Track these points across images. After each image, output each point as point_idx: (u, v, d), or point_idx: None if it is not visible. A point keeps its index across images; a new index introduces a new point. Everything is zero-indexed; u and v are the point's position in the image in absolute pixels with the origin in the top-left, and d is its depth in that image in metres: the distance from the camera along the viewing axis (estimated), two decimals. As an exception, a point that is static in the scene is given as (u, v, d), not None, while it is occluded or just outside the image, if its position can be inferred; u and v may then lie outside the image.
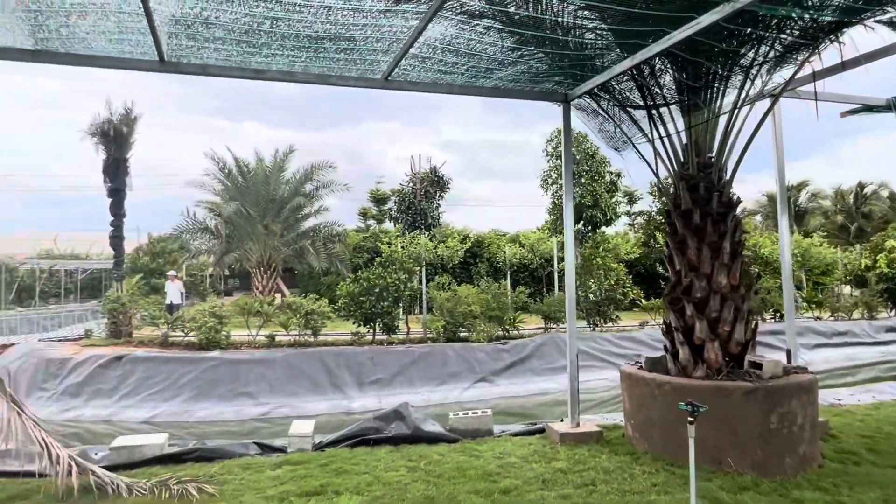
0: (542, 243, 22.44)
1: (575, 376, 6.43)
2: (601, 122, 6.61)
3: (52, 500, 4.78)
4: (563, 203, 6.59)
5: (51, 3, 4.29)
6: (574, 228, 20.61)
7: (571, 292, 6.57)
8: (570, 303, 6.56)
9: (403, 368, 13.85)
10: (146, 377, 13.20)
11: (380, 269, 16.45)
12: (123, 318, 16.23)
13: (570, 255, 6.51)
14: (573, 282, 6.58)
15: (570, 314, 6.52)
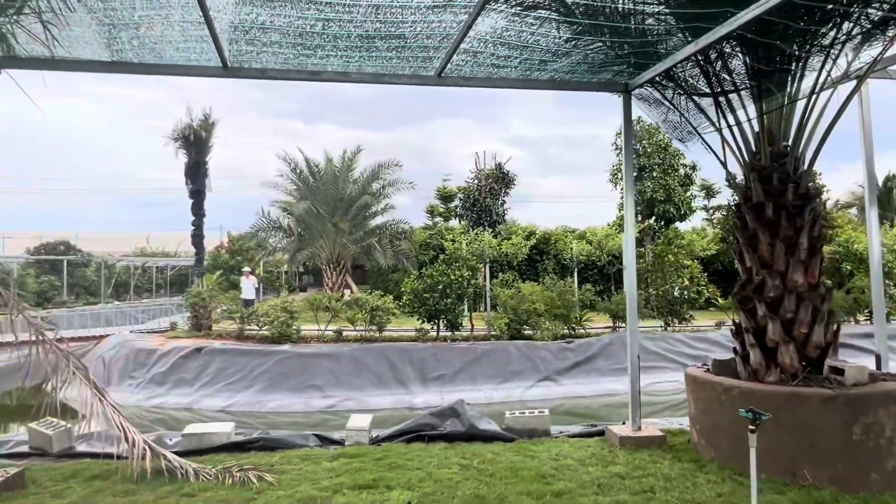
0: (610, 239, 21.77)
1: (636, 377, 6.18)
2: (665, 111, 6.29)
3: (127, 482, 5.11)
4: (624, 198, 6.33)
5: (122, 16, 4.57)
6: (645, 224, 19.90)
7: (632, 290, 6.31)
8: (631, 301, 6.30)
9: (466, 365, 13.86)
10: (223, 368, 13.94)
11: (443, 266, 16.53)
12: (203, 312, 17.20)
13: (631, 251, 6.25)
14: (634, 279, 6.31)
15: (630, 312, 6.27)
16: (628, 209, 6.31)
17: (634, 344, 6.26)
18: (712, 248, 23.17)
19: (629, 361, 6.27)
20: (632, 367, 6.21)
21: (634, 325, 6.29)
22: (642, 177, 24.33)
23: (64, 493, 4.89)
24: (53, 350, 5.57)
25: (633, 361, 6.22)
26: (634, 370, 6.22)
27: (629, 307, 6.30)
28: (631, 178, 6.27)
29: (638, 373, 6.22)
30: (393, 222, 25.43)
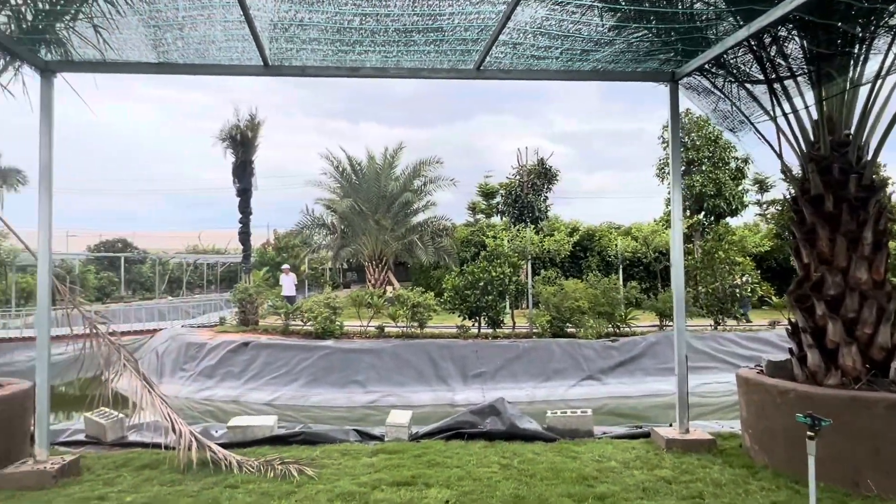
0: (657, 236, 21.15)
1: (684, 378, 5.94)
2: (714, 101, 6.00)
3: (175, 472, 5.25)
4: (671, 192, 6.09)
5: (166, 17, 4.67)
6: (694, 220, 19.22)
7: (680, 288, 6.06)
8: (679, 299, 6.05)
9: (507, 363, 13.73)
10: (268, 362, 14.26)
11: (484, 263, 16.43)
12: (250, 308, 17.66)
13: (678, 247, 6.00)
14: (681, 276, 6.07)
15: (678, 311, 6.03)
16: (675, 204, 6.07)
17: (682, 343, 6.02)
18: (766, 245, 22.24)
19: (676, 361, 6.04)
20: (679, 366, 5.98)
21: (682, 323, 6.05)
22: (691, 171, 23.55)
23: (115, 480, 5.06)
24: (106, 343, 5.78)
25: (681, 361, 5.98)
26: (682, 370, 5.99)
27: (676, 305, 6.06)
28: (678, 171, 6.02)
29: (686, 373, 5.99)
30: (434, 219, 25.49)
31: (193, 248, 50.58)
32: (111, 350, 5.76)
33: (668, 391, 13.39)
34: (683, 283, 6.11)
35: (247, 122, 17.40)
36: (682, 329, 6.04)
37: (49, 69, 5.29)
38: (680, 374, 5.94)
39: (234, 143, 17.28)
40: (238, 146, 17.38)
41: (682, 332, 6.04)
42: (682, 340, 6.03)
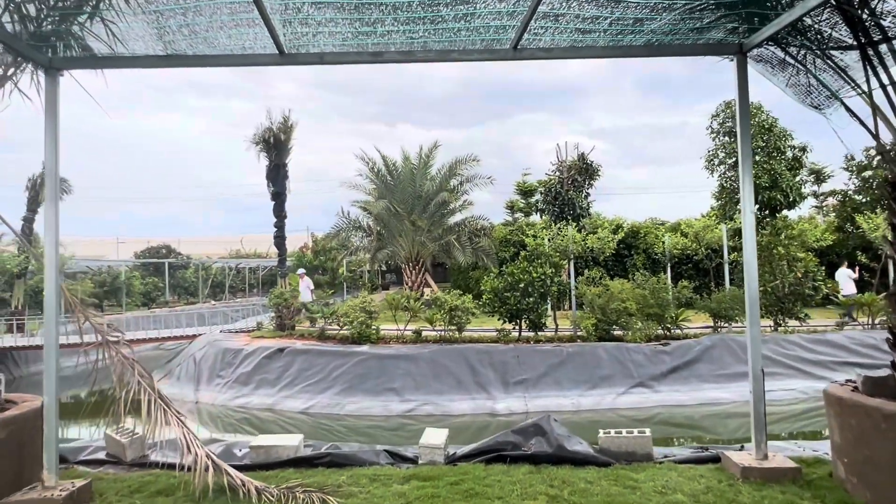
0: (708, 231, 19.94)
1: (760, 396, 5.16)
2: (791, 74, 5.19)
3: (190, 499, 4.81)
4: (740, 176, 5.30)
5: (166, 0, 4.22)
6: None
7: (753, 289, 5.27)
8: (753, 302, 5.26)
9: (551, 369, 12.99)
10: (303, 369, 13.92)
11: (524, 264, 15.71)
12: (286, 313, 17.44)
13: (750, 240, 5.20)
14: (755, 274, 5.28)
15: (751, 316, 5.24)
16: (746, 193, 5.27)
17: (757, 354, 5.24)
18: (828, 238, 20.71)
19: (751, 375, 5.27)
20: (755, 382, 5.20)
21: (756, 331, 5.26)
22: (743, 162, 22.15)
23: (126, 510, 4.66)
24: (119, 358, 5.40)
25: (756, 376, 5.20)
26: (758, 387, 5.21)
27: (749, 310, 5.28)
28: (748, 157, 5.23)
29: (763, 390, 5.21)
30: (472, 219, 24.87)
31: (236, 253, 51.42)
32: (125, 365, 5.38)
33: (727, 399, 12.41)
34: (757, 283, 5.32)
35: (279, 125, 17.18)
36: (758, 338, 5.26)
37: (53, 67, 4.93)
38: (756, 391, 5.16)
39: (268, 146, 17.08)
40: (271, 149, 17.18)
41: (757, 342, 5.26)
42: (757, 351, 5.26)
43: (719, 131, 22.83)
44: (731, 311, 15.45)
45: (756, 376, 5.18)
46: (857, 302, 16.76)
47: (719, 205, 23.48)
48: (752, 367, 5.23)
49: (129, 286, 31.27)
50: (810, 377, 12.98)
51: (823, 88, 4.97)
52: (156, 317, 28.31)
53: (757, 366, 5.19)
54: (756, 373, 5.19)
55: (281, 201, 17.91)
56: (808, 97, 5.15)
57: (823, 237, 20.63)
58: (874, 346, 13.89)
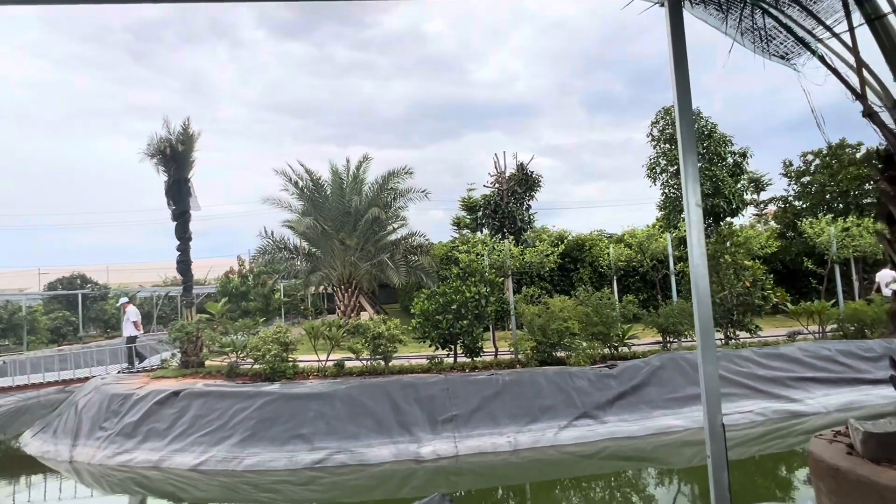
0: (652, 241, 19.01)
1: (721, 463, 3.69)
2: (745, 16, 3.85)
3: None
4: (682, 164, 3.89)
5: None
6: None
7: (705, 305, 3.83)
8: (704, 320, 3.82)
9: (485, 402, 11.42)
10: (200, 415, 11.89)
11: (457, 283, 14.19)
12: (191, 348, 15.31)
13: (697, 241, 3.78)
14: (706, 281, 3.85)
15: (702, 338, 3.79)
16: (689, 181, 3.86)
17: (713, 394, 3.79)
18: (773, 245, 20.14)
19: (706, 423, 3.80)
20: (712, 441, 3.73)
21: (711, 356, 3.80)
22: (684, 169, 21.50)
23: None
24: None
25: (714, 429, 3.73)
26: (717, 445, 3.74)
27: (699, 330, 3.81)
28: (690, 134, 3.84)
29: (724, 450, 3.74)
30: (411, 236, 23.30)
31: (172, 280, 48.10)
32: None
33: (679, 427, 11.13)
34: (709, 294, 3.87)
35: (179, 135, 15.20)
36: (713, 372, 3.80)
37: None
38: (714, 452, 3.68)
39: (165, 158, 15.05)
40: (170, 163, 15.15)
41: (712, 380, 3.80)
42: (714, 387, 3.79)
43: (660, 138, 22.18)
44: (679, 326, 14.35)
45: (713, 431, 3.71)
46: (805, 310, 16.00)
47: (663, 214, 22.76)
48: (707, 408, 3.76)
49: (33, 321, 28.05)
50: (766, 396, 11.89)
51: (789, 34, 3.63)
52: (62, 355, 25.34)
53: (713, 408, 3.72)
54: (713, 423, 3.72)
55: (184, 221, 15.84)
56: (771, 44, 3.79)
57: (768, 244, 20.06)
58: (829, 358, 12.99)
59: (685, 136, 3.94)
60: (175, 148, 14.88)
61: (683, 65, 3.88)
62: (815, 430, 11.52)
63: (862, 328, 14.63)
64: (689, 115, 4.01)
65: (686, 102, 3.97)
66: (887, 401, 12.00)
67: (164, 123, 15.14)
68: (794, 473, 9.86)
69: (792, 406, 11.73)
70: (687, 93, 3.95)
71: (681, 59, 3.87)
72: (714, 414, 3.72)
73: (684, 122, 3.96)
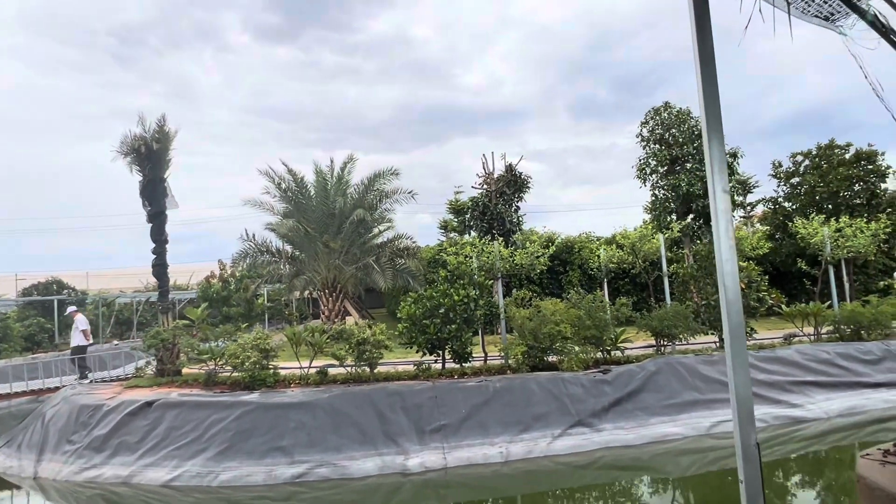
0: (645, 242, 18.65)
1: (756, 490, 3.19)
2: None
3: None
4: (705, 143, 3.40)
5: None
6: (683, 223, 16.51)
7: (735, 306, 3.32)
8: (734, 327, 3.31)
9: (475, 410, 10.89)
10: (174, 427, 11.23)
11: (445, 286, 13.67)
12: (167, 356, 14.61)
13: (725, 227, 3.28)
14: (737, 281, 3.31)
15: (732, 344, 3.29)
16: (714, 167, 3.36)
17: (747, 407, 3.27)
18: (764, 247, 19.88)
19: (738, 445, 3.29)
20: (746, 462, 3.22)
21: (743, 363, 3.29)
22: (675, 170, 21.22)
23: None
24: None
25: (747, 450, 3.22)
26: (752, 468, 3.23)
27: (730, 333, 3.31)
28: (717, 113, 3.36)
29: (759, 474, 3.24)
30: (397, 238, 22.73)
31: (154, 286, 47.00)
32: None
33: (677, 435, 10.68)
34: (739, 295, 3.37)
35: (154, 133, 14.52)
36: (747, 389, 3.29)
37: None
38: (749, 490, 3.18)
39: (140, 157, 14.35)
40: (145, 162, 14.45)
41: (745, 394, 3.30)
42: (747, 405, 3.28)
43: (649, 139, 21.85)
44: (674, 329, 13.95)
45: (747, 458, 3.21)
46: (801, 312, 15.70)
47: (652, 216, 22.45)
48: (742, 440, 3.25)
49: (6, 329, 27.03)
50: (766, 401, 11.50)
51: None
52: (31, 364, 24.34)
53: (749, 438, 3.22)
54: (748, 450, 3.22)
55: (160, 223, 15.15)
56: (812, 3, 3.29)
57: (759, 245, 19.79)
58: (828, 361, 12.66)
59: (710, 116, 3.45)
60: (150, 146, 14.21)
61: (707, 29, 3.40)
62: (818, 436, 11.15)
63: (858, 330, 14.34)
64: (714, 90, 3.53)
65: (711, 76, 3.49)
66: (889, 405, 11.68)
67: (138, 120, 14.47)
68: (810, 487, 9.45)
69: (793, 412, 11.35)
70: (711, 64, 3.47)
71: (704, 24, 3.39)
72: (747, 432, 3.23)
73: (709, 99, 3.47)
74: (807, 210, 23.05)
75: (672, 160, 20.98)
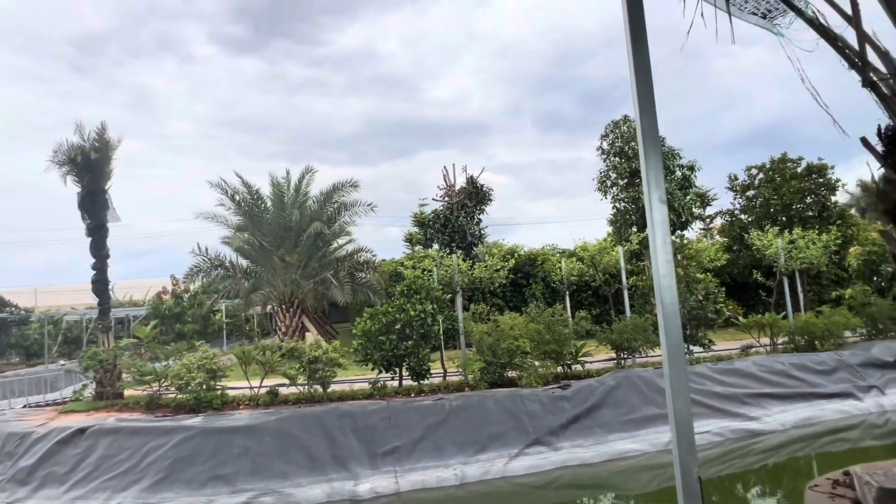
0: (605, 254, 18.63)
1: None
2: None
3: None
4: (641, 151, 3.15)
5: None
6: (644, 234, 16.47)
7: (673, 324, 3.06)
8: (673, 346, 3.05)
9: (430, 430, 10.48)
10: (108, 455, 10.48)
11: (401, 300, 13.28)
12: (107, 378, 13.77)
13: (662, 247, 3.03)
14: (675, 296, 3.05)
15: (671, 365, 3.01)
16: (650, 175, 3.12)
17: (687, 437, 3.00)
18: (721, 259, 20.12)
19: (679, 480, 3.00)
20: (687, 500, 2.93)
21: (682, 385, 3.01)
22: (634, 182, 21.39)
23: None
24: None
25: (688, 486, 2.94)
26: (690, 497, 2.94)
27: (669, 354, 3.04)
28: (653, 119, 3.12)
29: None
30: (357, 251, 22.26)
31: (110, 302, 45.03)
32: None
33: (637, 451, 10.47)
34: (678, 311, 3.11)
35: (94, 142, 13.79)
36: (687, 416, 3.02)
37: None
38: None
39: (77, 168, 13.60)
40: (83, 172, 13.70)
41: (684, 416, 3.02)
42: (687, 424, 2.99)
43: (609, 152, 22.02)
44: (633, 342, 13.84)
45: (686, 489, 2.92)
46: (757, 323, 15.82)
47: (614, 228, 22.56)
48: (681, 470, 2.97)
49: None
50: (723, 415, 11.43)
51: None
52: (-32, 387, 22.80)
53: (690, 470, 2.94)
54: (687, 481, 2.93)
55: (101, 237, 14.36)
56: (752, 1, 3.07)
57: (717, 257, 20.02)
58: (784, 372, 12.70)
59: (646, 125, 3.21)
60: (88, 156, 13.46)
61: (642, 40, 3.16)
62: (774, 448, 11.10)
63: (812, 340, 14.50)
64: (651, 101, 3.29)
65: (645, 81, 3.25)
66: (842, 415, 11.75)
67: (76, 129, 13.72)
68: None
69: (749, 424, 11.29)
70: (646, 69, 3.23)
71: (639, 34, 3.15)
72: (688, 466, 2.94)
73: (644, 111, 3.23)
74: (762, 222, 23.52)
75: (632, 172, 21.14)
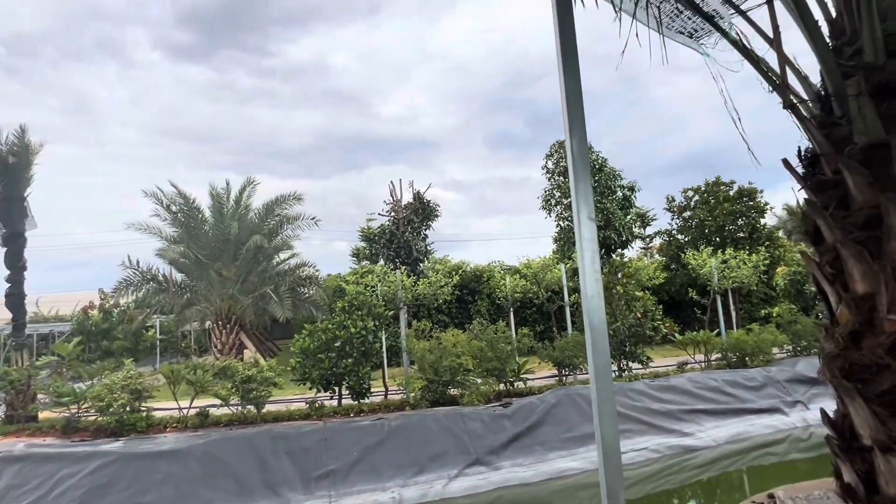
0: (547, 271, 18.86)
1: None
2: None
3: None
4: (570, 169, 3.11)
5: None
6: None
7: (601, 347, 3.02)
8: (600, 368, 3.00)
9: (368, 452, 10.15)
10: (14, 485, 9.60)
11: (341, 317, 12.94)
12: (18, 400, 12.73)
13: (591, 267, 2.99)
14: (603, 318, 3.05)
15: (599, 395, 2.96)
16: (579, 193, 3.08)
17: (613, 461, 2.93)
18: (660, 277, 20.76)
19: None
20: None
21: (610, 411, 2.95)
22: (577, 202, 21.80)
23: None
24: None
25: None
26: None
27: (595, 378, 2.99)
28: (580, 120, 3.08)
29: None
30: (300, 266, 21.68)
31: (31, 316, 42.05)
32: None
33: (576, 469, 10.47)
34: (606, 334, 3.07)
35: (12, 145, 12.87)
36: (614, 440, 2.95)
37: None
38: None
39: (-9, 172, 12.65)
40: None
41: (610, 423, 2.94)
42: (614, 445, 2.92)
43: (554, 171, 22.44)
44: (574, 359, 13.97)
45: None
46: (692, 340, 16.32)
47: (558, 246, 22.94)
48: (606, 486, 2.88)
49: None
50: (660, 431, 11.63)
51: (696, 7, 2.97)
52: None
53: (616, 487, 2.85)
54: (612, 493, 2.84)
55: (18, 247, 13.38)
56: (677, 19, 3.10)
57: (656, 276, 20.64)
58: (716, 388, 13.09)
59: (575, 141, 3.17)
60: (5, 160, 12.55)
61: (574, 63, 3.12)
62: (708, 464, 11.36)
63: (743, 357, 15.05)
64: (580, 114, 3.25)
65: (576, 102, 3.21)
66: (771, 430, 12.18)
67: (-8, 131, 12.79)
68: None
69: (685, 441, 11.53)
70: (577, 92, 3.20)
71: (571, 58, 3.11)
72: (615, 488, 2.85)
73: (574, 124, 3.19)
74: (697, 242, 24.46)
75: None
